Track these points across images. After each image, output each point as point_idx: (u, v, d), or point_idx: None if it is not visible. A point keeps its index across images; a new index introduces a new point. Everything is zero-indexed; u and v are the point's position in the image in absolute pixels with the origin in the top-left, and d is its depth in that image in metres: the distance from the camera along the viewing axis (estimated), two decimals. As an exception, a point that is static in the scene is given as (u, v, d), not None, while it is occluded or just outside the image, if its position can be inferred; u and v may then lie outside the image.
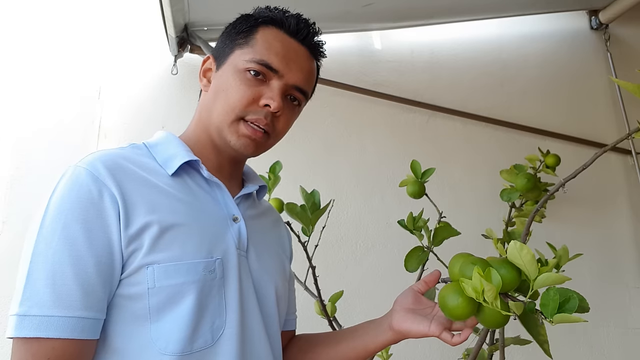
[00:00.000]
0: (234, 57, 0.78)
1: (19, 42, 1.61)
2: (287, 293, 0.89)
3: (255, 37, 0.78)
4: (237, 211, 0.78)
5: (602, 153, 0.98)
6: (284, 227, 0.98)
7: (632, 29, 2.51)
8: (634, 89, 0.84)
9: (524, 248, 0.64)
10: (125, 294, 0.65)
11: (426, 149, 1.99)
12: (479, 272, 0.64)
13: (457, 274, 0.71)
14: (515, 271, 0.67)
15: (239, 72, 0.76)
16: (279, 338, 0.82)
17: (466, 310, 0.68)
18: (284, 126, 0.80)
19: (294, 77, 0.78)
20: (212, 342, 0.68)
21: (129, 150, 0.75)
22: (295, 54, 0.79)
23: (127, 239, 0.65)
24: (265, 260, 0.82)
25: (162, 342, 0.64)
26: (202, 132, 0.80)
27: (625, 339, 2.03)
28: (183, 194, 0.73)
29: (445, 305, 0.70)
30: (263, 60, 0.75)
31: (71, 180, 0.66)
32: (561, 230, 2.04)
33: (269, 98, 0.75)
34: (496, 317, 0.67)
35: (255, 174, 0.93)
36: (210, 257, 0.70)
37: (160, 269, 0.65)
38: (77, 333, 0.60)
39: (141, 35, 1.74)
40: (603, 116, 2.34)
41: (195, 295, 0.66)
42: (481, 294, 0.64)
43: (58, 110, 1.59)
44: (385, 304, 1.74)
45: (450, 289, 0.70)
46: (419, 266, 1.18)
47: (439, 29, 2.10)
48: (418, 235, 1.24)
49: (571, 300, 0.62)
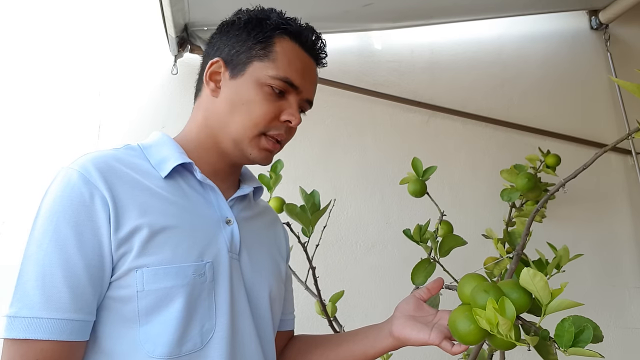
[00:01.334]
0: (253, 68, 0.77)
1: (19, 42, 1.61)
2: (282, 294, 0.88)
3: (275, 50, 0.77)
4: (231, 213, 0.78)
5: (602, 153, 0.98)
6: (280, 227, 0.97)
7: (632, 29, 2.51)
8: (634, 89, 0.84)
9: (537, 274, 0.64)
10: (115, 296, 0.66)
11: (426, 149, 1.99)
12: (493, 305, 0.63)
13: (467, 297, 0.71)
14: (527, 295, 0.67)
15: (261, 86, 0.76)
16: (272, 341, 0.81)
17: (478, 337, 0.67)
18: (293, 135, 0.83)
19: (308, 92, 0.81)
20: (202, 345, 0.68)
21: (122, 152, 0.75)
22: (310, 70, 0.81)
23: (117, 242, 0.65)
24: (258, 263, 0.81)
25: (150, 345, 0.65)
26: (208, 137, 0.80)
27: (625, 339, 2.03)
28: (175, 196, 0.73)
29: (456, 330, 0.69)
30: (287, 78, 0.76)
31: (63, 183, 0.66)
32: (561, 230, 2.04)
33: (290, 115, 0.77)
34: (508, 344, 0.66)
35: (252, 174, 0.93)
36: (200, 261, 0.69)
37: (149, 272, 0.65)
38: (66, 335, 0.61)
39: (141, 35, 1.74)
40: (603, 116, 2.34)
41: (184, 298, 0.66)
42: (495, 326, 0.63)
43: (58, 110, 1.59)
44: (385, 304, 1.75)
45: (462, 314, 0.69)
46: (426, 279, 1.15)
47: (439, 29, 2.10)
48: (425, 247, 1.23)
49: (586, 330, 0.62)
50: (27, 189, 1.48)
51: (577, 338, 0.62)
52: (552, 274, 1.22)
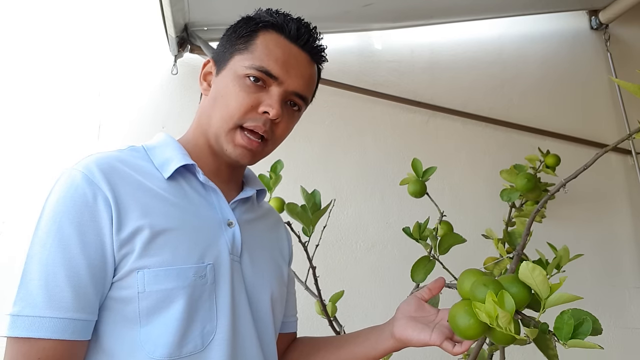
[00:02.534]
0: (233, 62, 0.77)
1: (19, 43, 1.61)
2: (284, 297, 0.88)
3: (256, 43, 0.77)
4: (232, 216, 0.78)
5: (603, 153, 0.98)
6: (283, 230, 0.97)
7: (632, 29, 2.51)
8: (634, 89, 0.84)
9: (536, 268, 0.64)
10: (116, 296, 0.66)
11: (426, 149, 1.99)
12: (492, 298, 0.64)
13: (466, 292, 0.71)
14: (526, 289, 0.67)
15: (239, 78, 0.75)
16: (273, 344, 0.81)
17: (478, 331, 0.68)
18: (282, 132, 0.79)
19: (294, 83, 0.77)
20: (202, 347, 0.68)
21: (126, 153, 0.75)
22: (296, 60, 0.78)
23: (119, 243, 0.65)
24: (260, 265, 0.81)
25: (150, 345, 0.65)
26: (201, 136, 0.80)
27: (625, 339, 2.03)
28: (177, 198, 0.73)
29: (456, 325, 0.69)
30: (262, 67, 0.75)
31: (67, 183, 0.66)
32: (561, 230, 2.04)
33: (267, 105, 0.74)
34: (508, 337, 0.67)
35: (256, 176, 0.92)
36: (201, 263, 0.70)
37: (150, 273, 0.65)
38: (68, 334, 0.61)
39: (141, 35, 1.74)
40: (603, 116, 2.34)
41: (184, 300, 0.67)
42: (495, 319, 0.64)
43: (58, 110, 1.59)
44: (385, 304, 1.75)
45: (461, 309, 0.69)
46: (426, 276, 1.15)
47: (439, 29, 2.10)
48: (424, 245, 1.23)
49: (585, 323, 0.62)
50: (27, 189, 1.48)
51: (577, 330, 0.62)
52: (552, 274, 1.22)
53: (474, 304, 0.66)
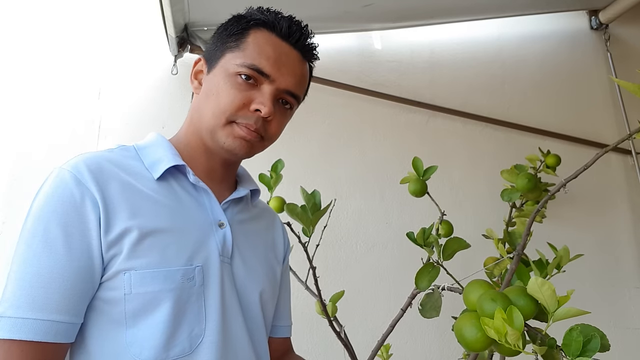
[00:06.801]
0: (224, 60, 0.77)
1: (19, 43, 1.61)
2: (275, 297, 0.87)
3: (247, 40, 0.76)
4: (224, 216, 0.77)
5: (603, 153, 0.98)
6: (279, 230, 0.95)
7: (632, 29, 2.51)
8: (634, 89, 0.84)
9: (545, 283, 0.64)
10: (103, 297, 0.65)
11: (426, 149, 1.99)
12: (502, 315, 0.63)
13: (473, 304, 0.71)
14: (534, 302, 0.67)
15: (230, 76, 0.75)
16: (265, 344, 0.80)
17: (485, 344, 0.67)
18: (276, 130, 0.79)
19: (285, 81, 0.76)
20: (190, 350, 0.67)
21: (116, 153, 0.74)
22: (287, 58, 0.77)
23: (107, 244, 0.64)
24: (252, 266, 0.80)
25: (136, 348, 0.64)
26: (193, 135, 0.79)
27: (625, 339, 2.03)
28: (168, 199, 0.72)
29: (462, 337, 0.69)
30: (254, 65, 0.74)
31: (55, 183, 0.65)
32: (561, 230, 2.04)
33: (259, 103, 0.74)
34: (514, 352, 0.66)
35: (250, 176, 0.91)
36: (189, 265, 0.68)
37: (137, 275, 0.64)
38: (51, 336, 0.60)
39: (141, 35, 1.74)
40: (603, 116, 2.34)
41: (171, 303, 0.65)
42: (504, 335, 0.63)
43: (58, 110, 1.59)
44: (385, 304, 1.74)
45: (468, 321, 0.69)
46: (430, 283, 1.12)
47: (439, 29, 2.10)
48: (428, 251, 1.22)
49: (593, 339, 0.62)
50: (27, 189, 1.48)
51: (585, 347, 0.62)
52: (552, 274, 1.22)
53: (482, 320, 0.66)
